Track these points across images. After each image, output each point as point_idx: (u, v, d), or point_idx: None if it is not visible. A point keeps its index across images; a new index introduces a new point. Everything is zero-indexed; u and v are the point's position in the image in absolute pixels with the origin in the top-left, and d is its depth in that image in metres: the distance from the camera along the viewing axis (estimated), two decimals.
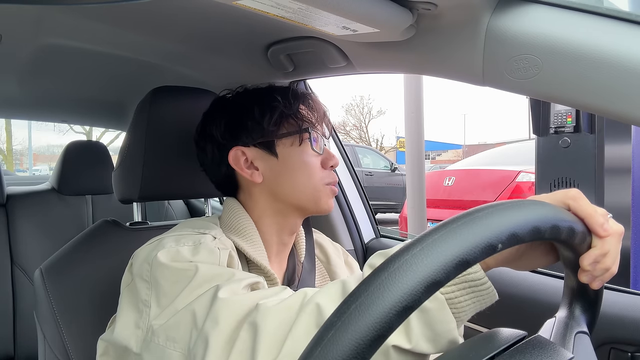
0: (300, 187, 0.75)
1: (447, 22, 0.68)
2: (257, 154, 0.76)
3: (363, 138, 26.99)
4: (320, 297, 0.52)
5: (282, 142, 0.76)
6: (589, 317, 0.51)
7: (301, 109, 0.77)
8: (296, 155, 0.75)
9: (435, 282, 0.32)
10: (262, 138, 0.75)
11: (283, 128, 0.76)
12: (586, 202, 0.47)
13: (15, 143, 21.34)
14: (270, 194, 0.76)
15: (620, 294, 0.87)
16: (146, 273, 0.64)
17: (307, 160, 0.76)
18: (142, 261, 0.66)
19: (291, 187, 0.75)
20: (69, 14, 0.87)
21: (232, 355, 0.51)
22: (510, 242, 0.36)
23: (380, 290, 0.31)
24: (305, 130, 0.76)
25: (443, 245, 0.33)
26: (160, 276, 0.62)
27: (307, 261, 0.85)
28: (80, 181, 1.90)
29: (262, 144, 0.76)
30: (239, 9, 0.62)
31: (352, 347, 0.30)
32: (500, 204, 0.38)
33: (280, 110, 0.75)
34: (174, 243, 0.66)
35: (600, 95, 0.55)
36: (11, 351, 1.67)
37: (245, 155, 0.76)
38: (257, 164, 0.76)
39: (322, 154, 0.78)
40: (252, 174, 0.76)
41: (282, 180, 0.75)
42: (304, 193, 0.75)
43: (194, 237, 0.68)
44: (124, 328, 0.63)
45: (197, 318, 0.56)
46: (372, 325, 0.30)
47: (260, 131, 0.75)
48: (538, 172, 2.53)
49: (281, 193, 0.76)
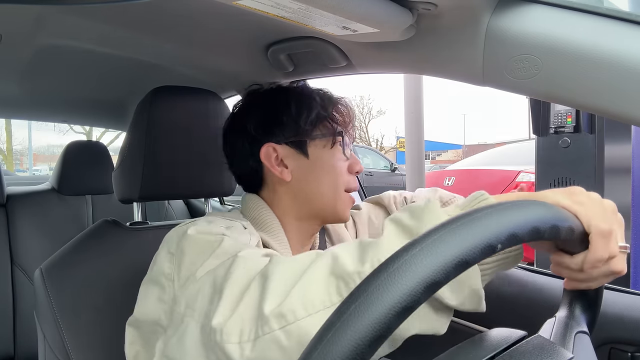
0: (324, 190, 0.75)
1: (447, 22, 0.68)
2: (288, 152, 0.76)
3: (363, 138, 26.99)
4: (337, 249, 0.50)
5: (314, 143, 0.76)
6: (589, 317, 0.51)
7: (335, 112, 0.78)
8: (327, 158, 0.76)
9: (435, 282, 0.32)
10: (296, 137, 0.75)
11: (318, 129, 0.76)
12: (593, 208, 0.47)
13: (15, 143, 21.37)
14: (294, 194, 0.76)
15: (620, 294, 0.87)
16: (173, 246, 0.63)
17: (336, 163, 0.76)
18: (172, 237, 0.65)
19: (317, 189, 0.75)
20: (69, 14, 0.87)
21: (242, 303, 0.49)
22: (509, 242, 0.36)
23: (379, 290, 0.31)
24: (339, 133, 0.76)
25: (442, 246, 0.33)
26: (186, 246, 0.62)
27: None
28: (80, 181, 1.90)
29: (294, 143, 0.75)
30: (239, 9, 0.62)
31: (352, 348, 0.30)
32: (500, 204, 0.38)
33: (317, 110, 0.75)
34: (206, 223, 0.66)
35: (600, 95, 0.55)
36: (11, 351, 1.67)
37: (276, 152, 0.75)
38: (287, 162, 0.76)
39: (350, 159, 0.79)
40: (282, 171, 0.75)
41: (309, 181, 0.75)
42: (326, 196, 0.75)
43: (226, 222, 0.68)
44: (147, 305, 0.63)
45: (216, 284, 0.54)
46: (372, 326, 0.30)
47: (295, 129, 0.75)
48: (538, 172, 2.53)
49: (305, 195, 0.76)
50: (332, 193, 0.75)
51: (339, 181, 0.76)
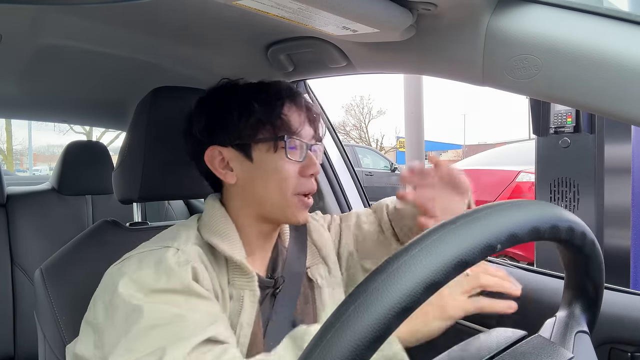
0: (270, 193, 0.74)
1: (447, 22, 0.68)
2: (233, 155, 0.76)
3: (363, 138, 26.99)
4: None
5: (258, 147, 0.75)
6: (589, 317, 0.51)
7: (283, 114, 0.75)
8: (271, 162, 0.74)
9: (434, 283, 0.32)
10: (239, 140, 0.75)
11: (260, 133, 0.74)
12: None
13: (15, 143, 21.37)
14: (243, 197, 0.77)
15: (620, 294, 0.87)
16: (107, 299, 0.65)
17: (282, 167, 0.74)
18: (107, 286, 0.67)
19: (262, 192, 0.75)
20: (69, 14, 0.87)
21: None
22: (509, 242, 0.36)
23: (378, 291, 0.31)
24: (280, 138, 0.74)
25: (442, 246, 0.33)
26: (117, 307, 0.63)
27: (295, 246, 0.85)
28: (80, 181, 1.90)
29: (238, 146, 0.75)
30: (239, 9, 0.62)
31: (351, 349, 0.30)
32: (499, 204, 0.38)
33: (257, 115, 0.74)
34: (136, 266, 0.66)
35: (600, 95, 0.55)
36: (11, 351, 1.67)
37: (222, 155, 0.76)
38: (233, 165, 0.76)
39: (303, 161, 0.76)
40: (225, 174, 0.76)
41: (255, 184, 0.75)
42: (273, 199, 0.75)
43: (157, 255, 0.67)
44: (85, 347, 0.66)
45: None
46: (371, 327, 0.30)
47: (237, 133, 0.75)
48: (538, 172, 2.53)
49: (253, 197, 0.76)
50: (278, 196, 0.74)
51: (285, 185, 0.74)
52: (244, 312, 0.71)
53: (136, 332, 0.60)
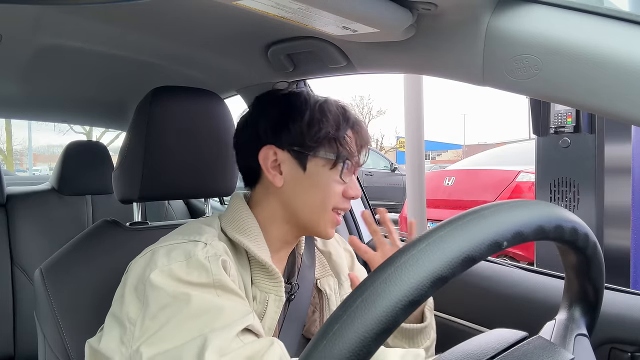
0: (311, 205, 0.75)
1: (447, 22, 0.68)
2: (287, 159, 0.75)
3: None
4: None
5: (315, 160, 0.74)
6: (589, 320, 0.51)
7: (347, 135, 0.76)
8: (323, 177, 0.75)
9: (442, 277, 0.32)
10: (299, 148, 0.74)
11: (323, 148, 0.74)
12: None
13: (15, 143, 21.36)
14: (282, 201, 0.76)
15: (620, 294, 0.87)
16: (140, 292, 0.64)
17: (331, 185, 0.75)
18: (137, 278, 0.65)
19: (304, 203, 0.75)
20: (69, 14, 0.87)
21: None
22: (515, 240, 0.36)
23: (386, 284, 0.32)
24: (343, 158, 0.75)
25: (450, 241, 0.34)
26: (152, 298, 0.62)
27: (306, 256, 0.86)
28: (80, 181, 1.90)
29: (296, 152, 0.75)
30: (239, 9, 0.62)
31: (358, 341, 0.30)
32: (506, 202, 0.38)
33: (327, 130, 0.74)
34: (166, 259, 0.65)
35: (600, 95, 0.55)
36: (11, 351, 1.67)
37: (276, 156, 0.75)
38: (283, 168, 0.75)
39: (347, 184, 0.77)
40: (274, 176, 0.75)
41: (298, 193, 0.75)
42: (312, 211, 0.75)
43: (185, 248, 0.66)
44: (110, 341, 0.64)
45: None
46: (378, 319, 0.30)
47: (300, 140, 0.74)
48: (538, 172, 2.53)
49: (293, 204, 0.76)
50: (318, 209, 0.75)
51: (329, 201, 0.75)
52: (267, 316, 0.71)
53: (175, 322, 0.58)
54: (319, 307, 0.84)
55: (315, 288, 0.85)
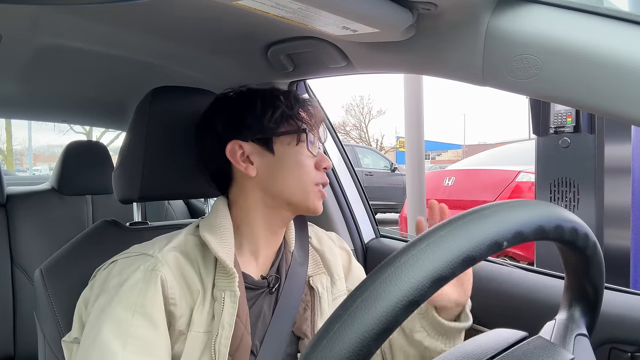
0: (292, 184, 0.78)
1: (447, 22, 0.68)
2: (254, 149, 0.79)
3: (363, 138, 27.01)
4: None
5: (279, 140, 0.79)
6: (589, 320, 0.51)
7: (301, 111, 0.81)
8: (292, 154, 0.79)
9: (442, 277, 0.32)
10: (261, 134, 0.78)
11: (282, 127, 0.79)
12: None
13: (15, 143, 21.37)
14: (261, 188, 0.79)
15: (620, 294, 0.87)
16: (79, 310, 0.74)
17: (302, 160, 0.79)
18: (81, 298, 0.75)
19: (283, 184, 0.78)
20: (69, 14, 0.87)
21: None
22: (515, 240, 0.36)
23: (386, 283, 0.32)
24: (303, 131, 0.79)
25: (450, 241, 0.34)
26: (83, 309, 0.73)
27: (298, 253, 0.86)
28: (80, 181, 1.89)
29: (260, 140, 0.78)
30: (239, 9, 0.62)
31: (358, 341, 0.30)
32: (506, 202, 0.38)
33: (281, 109, 0.78)
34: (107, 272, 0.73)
35: (600, 95, 0.55)
36: (11, 351, 1.67)
37: (242, 149, 0.78)
38: (253, 159, 0.78)
39: (317, 156, 0.81)
40: (246, 167, 0.78)
41: (275, 176, 0.78)
42: (294, 190, 0.78)
43: (130, 264, 0.71)
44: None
45: None
46: (378, 319, 0.30)
47: (260, 127, 0.78)
48: (538, 172, 2.53)
49: (273, 188, 0.79)
50: (299, 187, 0.78)
51: (305, 177, 0.79)
52: (225, 312, 0.71)
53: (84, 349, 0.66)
54: (310, 305, 0.84)
55: (308, 285, 0.85)
